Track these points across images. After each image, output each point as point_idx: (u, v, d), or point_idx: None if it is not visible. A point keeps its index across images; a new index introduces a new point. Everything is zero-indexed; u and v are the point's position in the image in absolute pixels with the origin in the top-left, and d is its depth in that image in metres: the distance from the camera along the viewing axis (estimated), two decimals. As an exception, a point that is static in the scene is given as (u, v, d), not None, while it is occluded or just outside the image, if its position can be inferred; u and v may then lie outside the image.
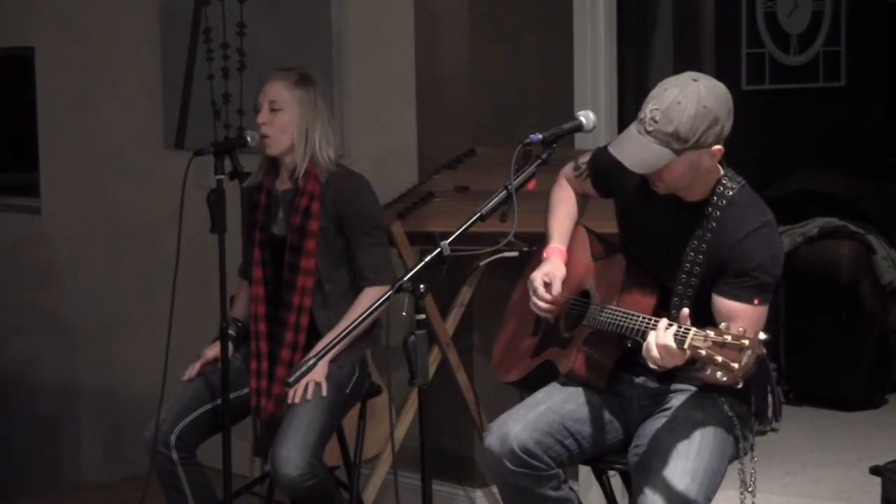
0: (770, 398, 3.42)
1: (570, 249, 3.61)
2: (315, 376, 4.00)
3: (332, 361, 4.06)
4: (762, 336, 2.89)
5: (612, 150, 3.22)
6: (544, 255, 3.60)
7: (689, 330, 2.97)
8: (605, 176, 3.54)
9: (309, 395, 3.98)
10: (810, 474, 5.15)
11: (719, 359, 2.88)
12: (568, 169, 3.69)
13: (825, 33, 7.12)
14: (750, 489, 3.37)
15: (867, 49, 7.30)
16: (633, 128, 3.20)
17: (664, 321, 3.07)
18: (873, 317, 6.04)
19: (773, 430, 5.52)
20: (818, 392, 6.06)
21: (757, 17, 6.87)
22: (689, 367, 3.09)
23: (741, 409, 3.39)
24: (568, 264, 3.57)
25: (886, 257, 6.10)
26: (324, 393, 4.00)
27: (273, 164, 4.19)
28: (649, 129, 3.15)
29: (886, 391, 6.13)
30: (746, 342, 2.86)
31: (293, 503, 4.15)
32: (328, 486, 4.02)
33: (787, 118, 6.94)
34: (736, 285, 3.21)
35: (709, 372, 2.91)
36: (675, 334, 3.01)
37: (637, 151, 3.19)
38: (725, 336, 2.89)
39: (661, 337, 3.04)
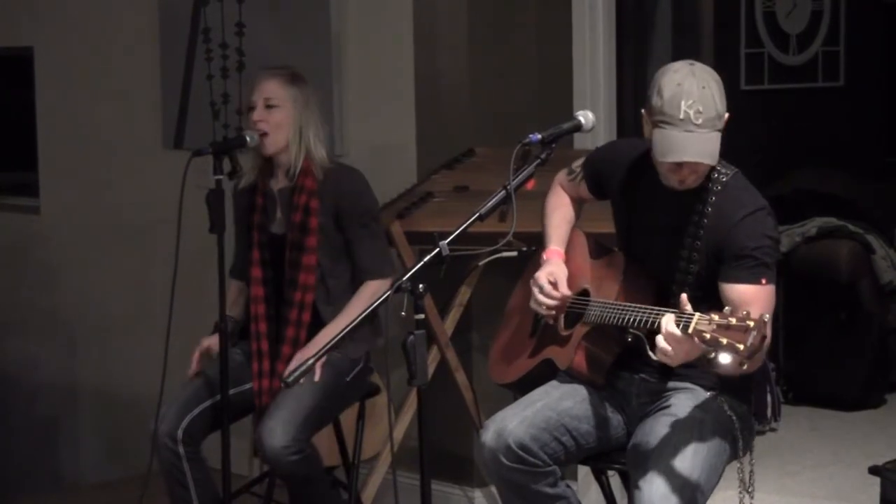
0: (769, 398, 3.42)
1: (568, 251, 3.64)
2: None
3: (335, 350, 4.06)
4: (766, 317, 2.89)
5: (666, 158, 3.19)
6: (543, 257, 3.61)
7: (693, 315, 2.97)
8: (600, 176, 3.57)
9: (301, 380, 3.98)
10: (809, 474, 5.15)
11: (724, 341, 2.88)
12: (561, 175, 3.71)
13: (824, 33, 7.12)
14: (749, 489, 3.38)
15: (866, 49, 7.30)
16: (675, 131, 3.17)
17: (671, 315, 3.06)
18: (872, 317, 6.04)
19: (772, 429, 5.52)
20: (817, 392, 6.06)
21: (756, 17, 6.88)
22: (693, 365, 3.10)
23: (740, 408, 3.39)
24: (567, 266, 3.59)
25: (885, 257, 6.09)
26: (316, 378, 3.99)
27: (267, 164, 4.19)
28: (698, 121, 3.16)
29: (885, 391, 6.13)
30: (751, 323, 2.86)
31: (292, 503, 4.15)
32: (316, 467, 3.99)
33: (785, 118, 6.94)
34: (740, 268, 3.21)
35: (713, 356, 2.92)
36: (678, 321, 3.01)
37: (701, 146, 3.18)
38: (730, 319, 2.89)
39: (667, 326, 3.04)
